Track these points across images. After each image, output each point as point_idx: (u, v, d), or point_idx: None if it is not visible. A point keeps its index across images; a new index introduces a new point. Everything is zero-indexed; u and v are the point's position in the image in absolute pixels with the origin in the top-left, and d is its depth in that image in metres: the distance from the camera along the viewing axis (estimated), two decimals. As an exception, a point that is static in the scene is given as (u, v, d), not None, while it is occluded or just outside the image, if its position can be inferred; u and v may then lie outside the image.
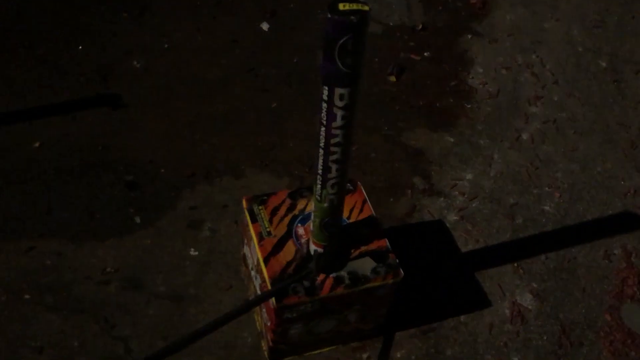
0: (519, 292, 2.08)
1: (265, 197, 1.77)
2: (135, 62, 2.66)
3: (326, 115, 1.30)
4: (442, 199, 2.32)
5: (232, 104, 2.57)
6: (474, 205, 2.32)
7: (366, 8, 1.13)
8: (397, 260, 1.69)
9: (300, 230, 1.70)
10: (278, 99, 2.63)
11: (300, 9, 3.09)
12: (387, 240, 1.72)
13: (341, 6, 1.12)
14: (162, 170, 2.28)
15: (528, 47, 3.02)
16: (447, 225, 2.24)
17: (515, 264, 2.15)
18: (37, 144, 2.29)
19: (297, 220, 1.72)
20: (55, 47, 2.66)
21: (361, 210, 1.79)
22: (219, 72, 2.70)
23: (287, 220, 1.73)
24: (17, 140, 2.30)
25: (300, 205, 1.77)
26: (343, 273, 1.63)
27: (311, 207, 1.57)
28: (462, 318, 1.99)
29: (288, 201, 1.77)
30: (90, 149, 2.30)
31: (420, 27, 3.03)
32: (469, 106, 2.70)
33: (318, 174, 1.44)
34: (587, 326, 2.02)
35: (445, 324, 1.97)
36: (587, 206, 2.36)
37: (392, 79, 2.78)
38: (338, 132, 1.32)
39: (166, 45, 2.77)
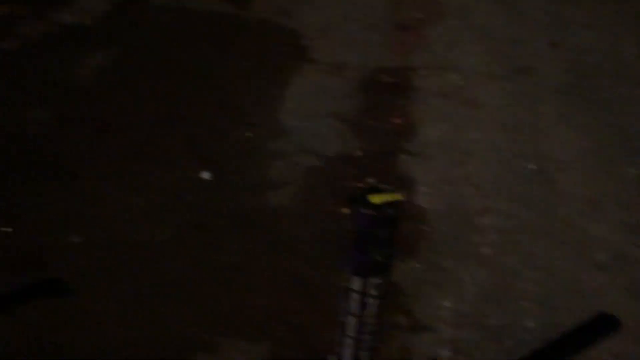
0: None
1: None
2: (72, 238, 2.43)
3: (359, 305, 1.20)
4: (429, 333, 2.24)
5: (185, 267, 2.39)
6: (461, 335, 2.25)
7: (399, 197, 1.08)
8: None
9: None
10: (234, 251, 2.48)
11: (237, 151, 3.05)
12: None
13: (373, 198, 1.07)
14: (126, 361, 2.02)
15: (461, 159, 3.15)
16: (442, 363, 2.15)
17: (521, 393, 2.09)
18: (-29, 359, 1.95)
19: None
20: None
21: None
22: (164, 233, 2.53)
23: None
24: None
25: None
26: None
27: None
28: None
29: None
30: (40, 351, 2.00)
31: (361, 154, 3.08)
32: (424, 228, 2.71)
33: (344, 363, 1.31)
34: None
35: None
36: (564, 315, 2.39)
37: (345, 210, 2.76)
38: (371, 320, 1.22)
39: (102, 213, 2.57)
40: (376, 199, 1.06)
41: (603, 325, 2.36)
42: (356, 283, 1.16)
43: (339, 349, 1.30)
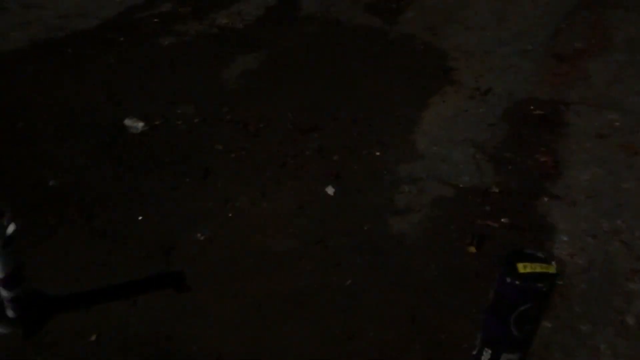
0: None
1: None
2: (199, 235, 2.49)
3: (484, 380, 1.06)
4: (552, 405, 2.00)
5: (302, 282, 2.35)
6: (590, 413, 1.99)
7: (553, 269, 0.93)
8: None
9: None
10: (352, 274, 2.40)
11: (365, 170, 2.97)
12: None
13: (522, 268, 0.92)
14: (231, 368, 2.02)
15: (611, 211, 2.82)
16: None
17: None
18: (93, 337, 2.05)
19: None
20: (114, 218, 2.52)
21: None
22: (286, 243, 2.51)
23: None
24: (72, 332, 2.07)
25: None
26: None
27: None
28: None
29: None
30: (152, 342, 2.06)
31: (497, 190, 2.87)
32: (560, 282, 2.44)
33: None
34: None
35: None
36: None
37: (472, 249, 2.57)
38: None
39: (230, 214, 2.61)
40: (526, 267, 0.92)
41: None
42: (486, 355, 1.02)
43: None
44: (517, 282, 0.88)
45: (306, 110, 3.39)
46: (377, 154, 3.09)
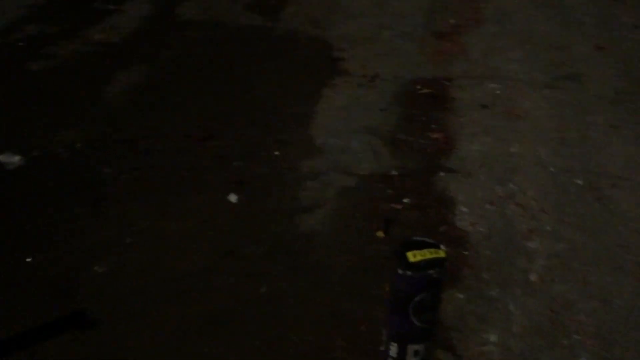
0: None
1: None
2: (96, 267, 2.35)
3: (397, 373, 1.05)
4: (474, 373, 2.07)
5: (218, 298, 2.27)
6: (509, 373, 2.08)
7: (442, 253, 0.94)
8: None
9: None
10: (266, 281, 2.36)
11: (266, 172, 2.93)
12: None
13: (412, 257, 0.92)
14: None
15: (503, 176, 2.97)
16: (490, 405, 1.97)
17: None
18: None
19: None
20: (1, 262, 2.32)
21: None
22: (195, 261, 2.42)
23: None
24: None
25: None
26: None
27: None
28: None
29: None
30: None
31: (396, 172, 2.93)
32: (466, 253, 2.54)
33: None
34: None
35: None
36: (623, 350, 2.18)
37: (381, 234, 2.61)
38: (412, 388, 1.08)
39: (129, 241, 2.48)
40: (415, 256, 0.92)
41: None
42: (393, 349, 1.01)
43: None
44: (409, 273, 0.88)
45: (199, 119, 3.30)
46: (277, 153, 3.06)
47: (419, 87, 3.61)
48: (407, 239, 0.90)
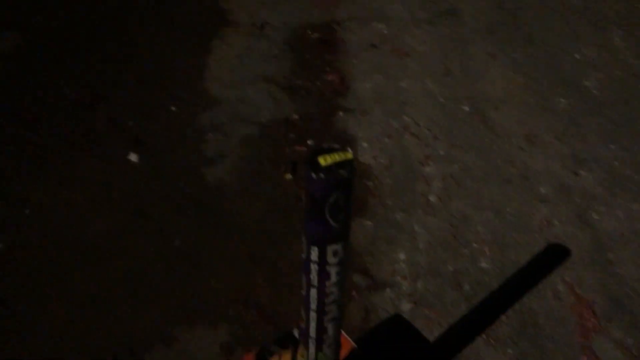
0: (499, 363, 2.03)
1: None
2: (-3, 244, 2.22)
3: (318, 275, 1.12)
4: (388, 289, 2.22)
5: (132, 259, 2.24)
6: (419, 285, 2.24)
7: (350, 155, 1.00)
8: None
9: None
10: (180, 236, 2.35)
11: (164, 128, 2.87)
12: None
13: (322, 161, 0.97)
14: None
15: (397, 110, 3.11)
16: (405, 316, 2.13)
17: (484, 336, 2.10)
18: None
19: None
20: None
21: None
22: (104, 225, 2.36)
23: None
24: None
25: (276, 364, 1.53)
26: None
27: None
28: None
29: (261, 365, 1.53)
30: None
31: (297, 116, 2.97)
32: (370, 183, 2.66)
33: (310, 337, 1.24)
34: (568, 371, 2.02)
35: None
36: (516, 251, 2.42)
37: (288, 176, 2.66)
38: (334, 289, 1.15)
39: (27, 212, 2.36)
40: (326, 160, 0.97)
41: (554, 255, 2.40)
42: (314, 253, 1.08)
43: (304, 323, 1.23)
44: (322, 176, 0.93)
45: (85, 83, 3.13)
46: (173, 109, 2.99)
47: (309, 31, 3.64)
48: (317, 147, 0.95)
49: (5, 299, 2.05)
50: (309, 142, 2.86)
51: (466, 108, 3.16)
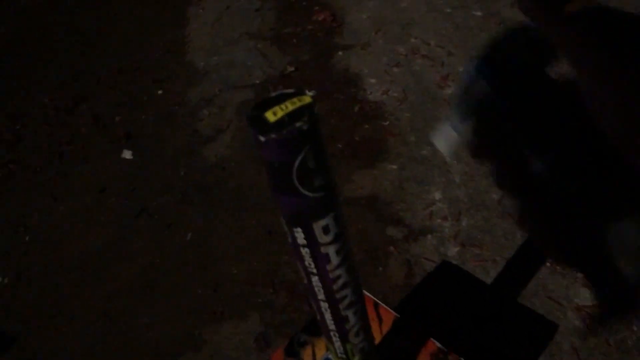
0: (572, 293, 1.74)
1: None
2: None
3: (313, 260, 0.86)
4: (429, 236, 1.94)
5: (140, 263, 2.04)
6: (463, 224, 1.96)
7: (307, 99, 0.71)
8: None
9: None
10: (191, 226, 2.13)
11: (154, 115, 2.63)
12: (433, 340, 1.30)
13: (270, 116, 0.70)
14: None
15: (402, 34, 2.76)
16: (454, 262, 1.86)
17: (548, 264, 1.82)
18: None
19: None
20: None
21: (380, 320, 1.35)
22: (106, 232, 2.16)
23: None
24: None
25: (307, 357, 1.30)
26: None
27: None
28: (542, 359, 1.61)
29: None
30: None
31: (292, 68, 2.67)
32: (387, 123, 2.36)
33: (331, 330, 0.99)
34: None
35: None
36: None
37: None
38: (339, 271, 0.89)
39: (27, 238, 2.18)
40: (276, 113, 0.70)
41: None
42: (299, 235, 0.81)
43: (318, 316, 0.98)
44: (273, 136, 0.65)
45: (62, 84, 2.91)
46: (160, 92, 2.74)
47: (288, -27, 3.29)
48: (261, 99, 0.66)
49: (18, 337, 1.89)
50: (311, 92, 2.56)
51: (478, 13, 2.78)
